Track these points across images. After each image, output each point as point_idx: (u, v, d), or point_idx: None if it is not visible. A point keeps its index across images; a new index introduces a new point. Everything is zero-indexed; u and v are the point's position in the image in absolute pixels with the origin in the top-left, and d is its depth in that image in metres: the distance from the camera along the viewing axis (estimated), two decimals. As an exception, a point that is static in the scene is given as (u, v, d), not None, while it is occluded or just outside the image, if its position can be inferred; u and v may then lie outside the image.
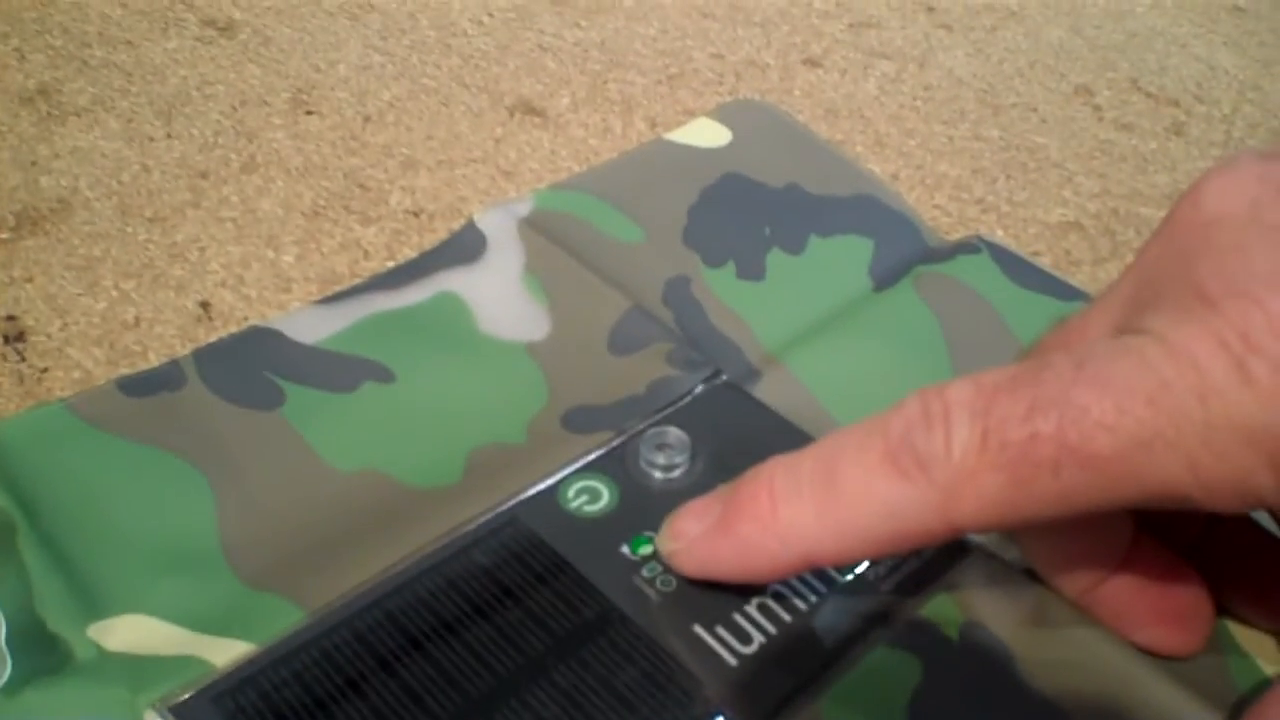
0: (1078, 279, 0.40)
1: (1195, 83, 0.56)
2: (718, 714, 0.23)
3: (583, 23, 0.54)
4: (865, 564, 0.26)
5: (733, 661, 0.24)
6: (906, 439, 0.21)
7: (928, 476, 0.20)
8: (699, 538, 0.24)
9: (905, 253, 0.37)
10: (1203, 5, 0.64)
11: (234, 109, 0.45)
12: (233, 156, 0.42)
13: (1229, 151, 0.50)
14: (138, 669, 0.23)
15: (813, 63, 0.54)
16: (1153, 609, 0.25)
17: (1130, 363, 0.19)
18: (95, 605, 0.24)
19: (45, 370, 0.32)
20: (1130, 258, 0.31)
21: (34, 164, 0.40)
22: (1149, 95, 0.54)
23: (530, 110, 0.47)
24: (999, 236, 0.42)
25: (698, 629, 0.24)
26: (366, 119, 0.45)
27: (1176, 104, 0.54)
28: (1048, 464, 0.19)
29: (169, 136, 0.43)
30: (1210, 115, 0.53)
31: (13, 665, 0.22)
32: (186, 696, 0.22)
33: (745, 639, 0.24)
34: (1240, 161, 0.21)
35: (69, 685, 0.22)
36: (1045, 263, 0.41)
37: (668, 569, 0.25)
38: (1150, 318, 0.20)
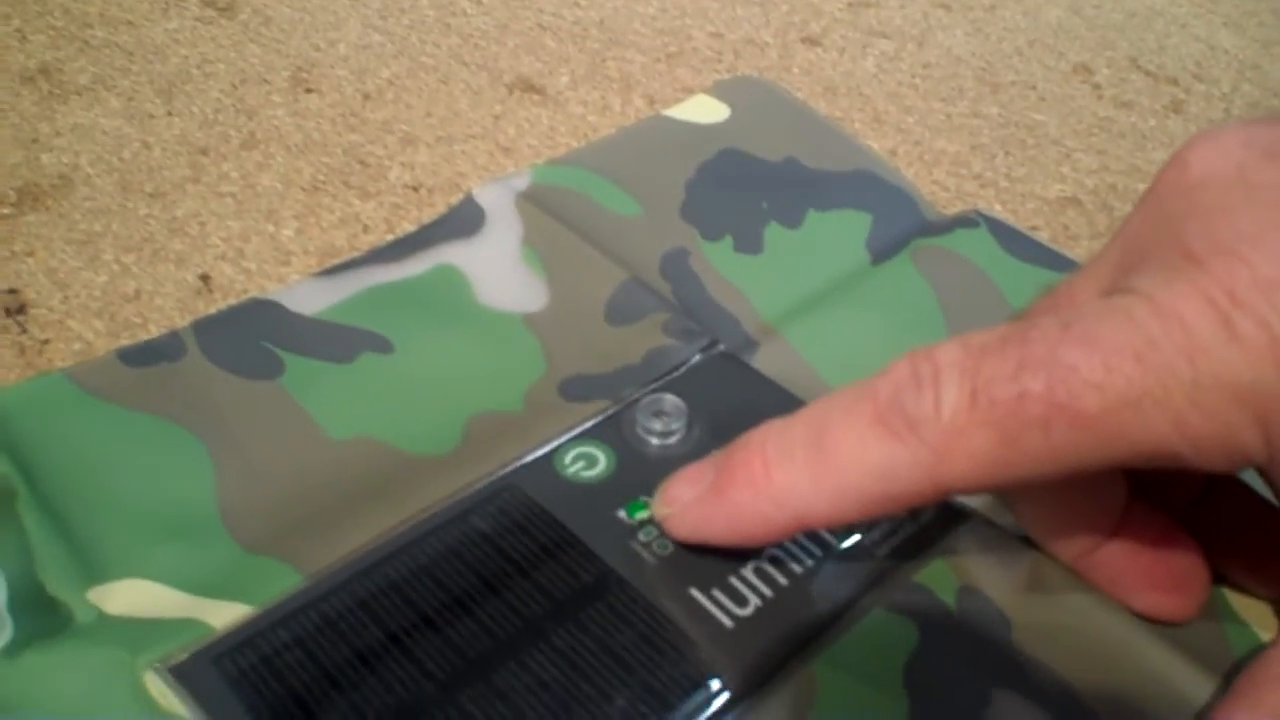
0: (1076, 253, 0.40)
1: (1195, 61, 0.56)
2: (713, 676, 0.23)
3: (582, 1, 0.54)
4: (861, 529, 0.26)
5: (728, 624, 0.24)
6: (896, 400, 0.21)
7: (918, 437, 0.20)
8: (692, 503, 0.24)
9: (903, 227, 0.37)
10: (1203, -16, 0.64)
11: (234, 87, 0.45)
12: (233, 133, 0.42)
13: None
14: (138, 631, 0.23)
15: (812, 41, 0.54)
16: (1148, 574, 0.25)
17: (1117, 321, 0.19)
18: (95, 570, 0.24)
19: (46, 342, 0.32)
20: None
21: (35, 141, 0.40)
22: (1148, 74, 0.54)
23: (529, 88, 0.47)
24: (997, 211, 0.42)
25: (694, 592, 0.24)
26: (366, 96, 0.45)
27: (1176, 82, 0.54)
28: (1037, 422, 0.19)
29: (169, 114, 0.43)
30: (1209, 94, 0.53)
31: (14, 628, 0.23)
32: (186, 658, 0.22)
33: (741, 602, 0.24)
34: (1225, 128, 0.21)
35: (69, 647, 0.22)
36: (1043, 237, 0.41)
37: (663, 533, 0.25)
38: (1137, 278, 0.20)
